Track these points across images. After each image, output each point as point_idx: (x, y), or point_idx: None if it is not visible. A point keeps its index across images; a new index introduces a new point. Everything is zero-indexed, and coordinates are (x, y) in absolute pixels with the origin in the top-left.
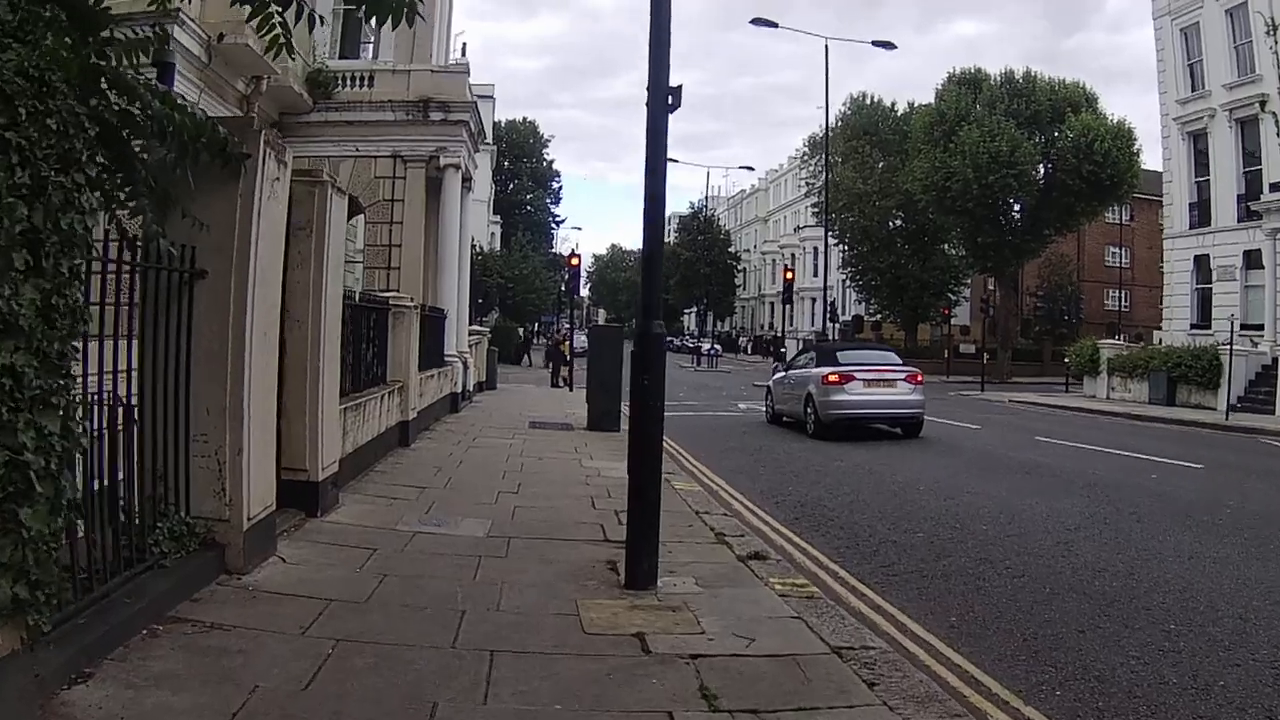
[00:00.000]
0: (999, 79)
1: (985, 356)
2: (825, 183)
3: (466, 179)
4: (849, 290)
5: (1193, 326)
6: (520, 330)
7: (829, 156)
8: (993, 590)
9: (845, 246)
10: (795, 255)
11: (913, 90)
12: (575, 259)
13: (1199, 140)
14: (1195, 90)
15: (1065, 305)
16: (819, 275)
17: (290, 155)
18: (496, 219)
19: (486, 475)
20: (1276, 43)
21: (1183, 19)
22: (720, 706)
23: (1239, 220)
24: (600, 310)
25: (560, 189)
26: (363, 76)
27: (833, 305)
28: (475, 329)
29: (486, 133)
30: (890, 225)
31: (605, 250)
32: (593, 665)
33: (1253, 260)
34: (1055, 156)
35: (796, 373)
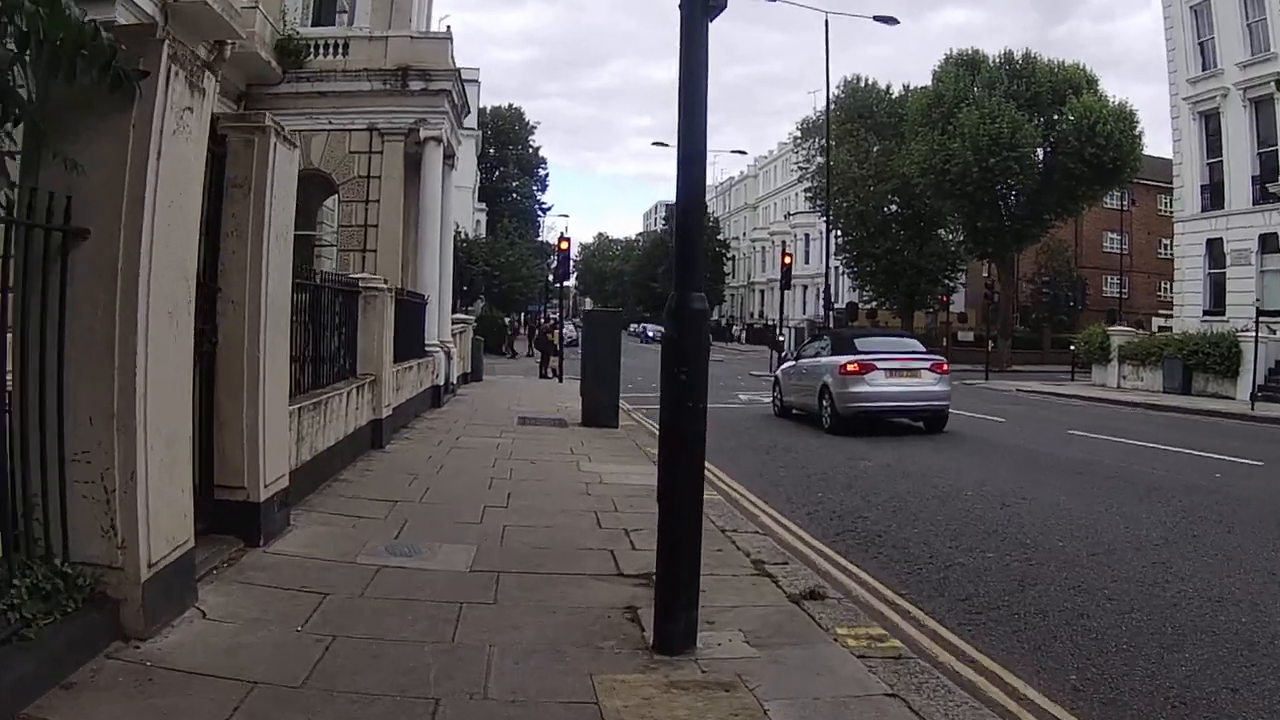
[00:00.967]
0: (998, 60)
1: (990, 344)
2: (827, 162)
3: (449, 155)
4: (843, 277)
5: (1205, 313)
6: (507, 319)
7: (828, 139)
8: (1105, 633)
9: (840, 232)
10: (786, 242)
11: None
12: (565, 243)
13: (1211, 121)
14: (1206, 69)
15: (1070, 291)
16: (810, 262)
17: (213, 83)
18: (482, 206)
19: (471, 484)
20: None
21: None
22: None
23: (1254, 203)
24: (587, 299)
25: (546, 176)
26: (337, 44)
27: (827, 292)
28: (460, 317)
29: (471, 107)
30: (886, 210)
31: (592, 239)
32: None
33: (1268, 244)
34: (1056, 139)
35: (809, 362)
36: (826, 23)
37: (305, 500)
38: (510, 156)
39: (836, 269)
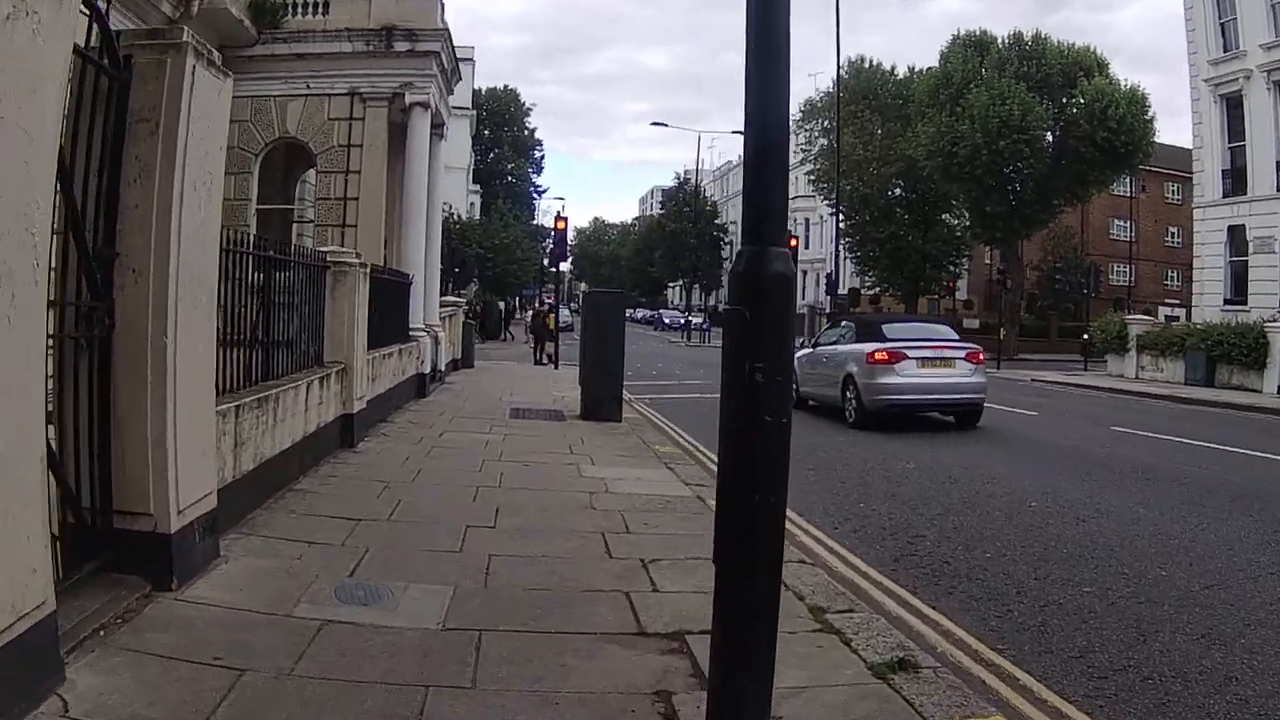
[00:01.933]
0: (1007, 41)
1: (1001, 332)
2: (836, 141)
3: (438, 125)
4: (846, 262)
5: (1226, 302)
6: (501, 304)
7: (838, 121)
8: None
9: (842, 216)
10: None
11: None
12: (562, 222)
13: (1233, 103)
14: (1228, 51)
15: (1083, 279)
16: (809, 247)
17: None
18: (476, 189)
19: (452, 495)
20: None
21: None
22: None
23: (1278, 189)
24: (582, 284)
25: (542, 158)
26: (316, 2)
27: (830, 277)
28: (450, 299)
29: (462, 74)
30: (890, 194)
31: (588, 224)
32: None
33: None
34: (1067, 122)
35: (829, 349)
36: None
37: (247, 519)
38: (505, 139)
39: (838, 254)
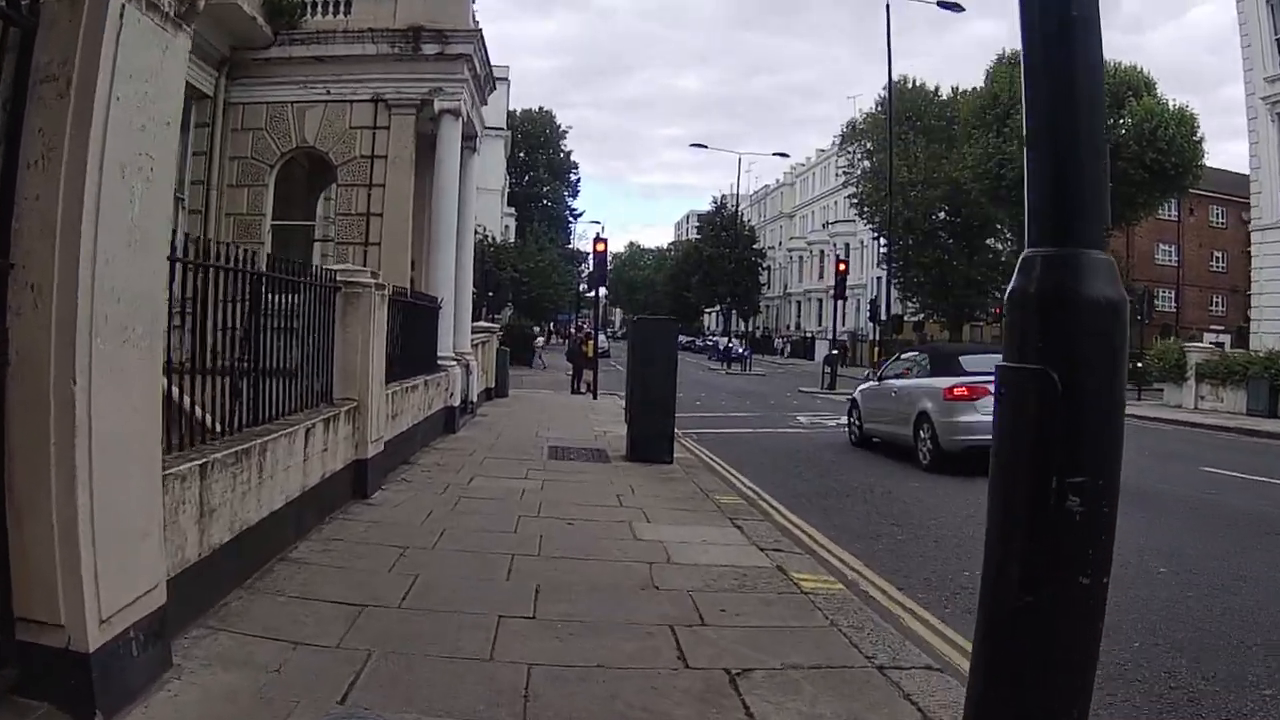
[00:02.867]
0: None
1: None
2: (890, 160)
3: (470, 136)
4: (887, 287)
5: None
6: (536, 329)
7: (890, 138)
8: None
9: (885, 240)
10: (824, 252)
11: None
12: (601, 244)
13: None
14: None
15: (1138, 304)
16: (850, 273)
17: None
18: (511, 211)
19: (481, 567)
20: None
21: None
22: None
23: None
24: (618, 310)
25: (578, 181)
26: (337, 1)
27: (874, 303)
28: (483, 325)
29: (495, 82)
30: (934, 217)
31: (623, 249)
32: None
33: None
34: (1116, 143)
35: (899, 383)
36: (888, 7)
37: (219, 606)
38: (540, 161)
39: (882, 280)
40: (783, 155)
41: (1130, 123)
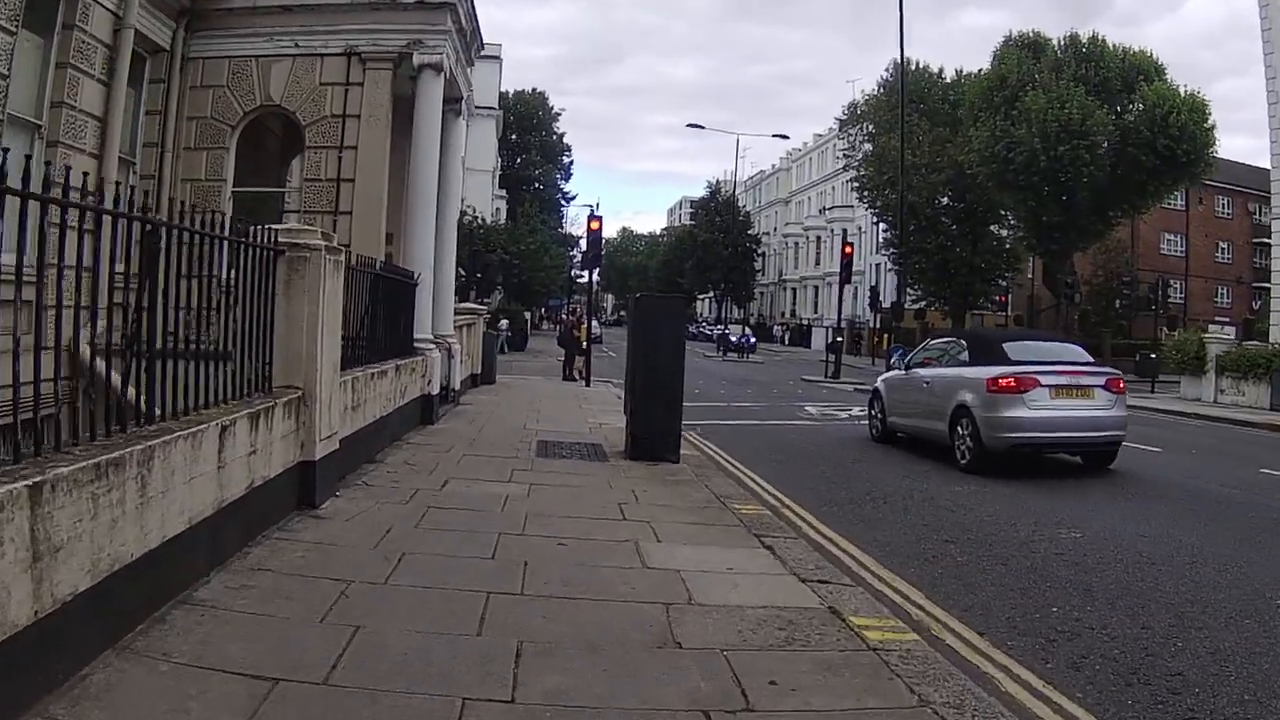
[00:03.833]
0: (1063, 42)
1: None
2: (900, 140)
3: (455, 99)
4: (889, 274)
5: None
6: (527, 314)
7: (902, 120)
8: None
9: (885, 226)
10: (821, 238)
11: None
12: (596, 222)
13: None
14: None
15: (1151, 294)
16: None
17: None
18: (502, 193)
19: (445, 613)
20: None
21: None
22: None
23: None
24: (609, 296)
25: (571, 164)
26: None
27: (874, 290)
28: (469, 306)
29: (484, 45)
30: (937, 203)
31: (616, 234)
32: None
33: None
34: (1126, 129)
35: (931, 373)
36: None
37: (76, 682)
38: (533, 143)
39: (881, 266)
40: (783, 137)
41: (1142, 108)
